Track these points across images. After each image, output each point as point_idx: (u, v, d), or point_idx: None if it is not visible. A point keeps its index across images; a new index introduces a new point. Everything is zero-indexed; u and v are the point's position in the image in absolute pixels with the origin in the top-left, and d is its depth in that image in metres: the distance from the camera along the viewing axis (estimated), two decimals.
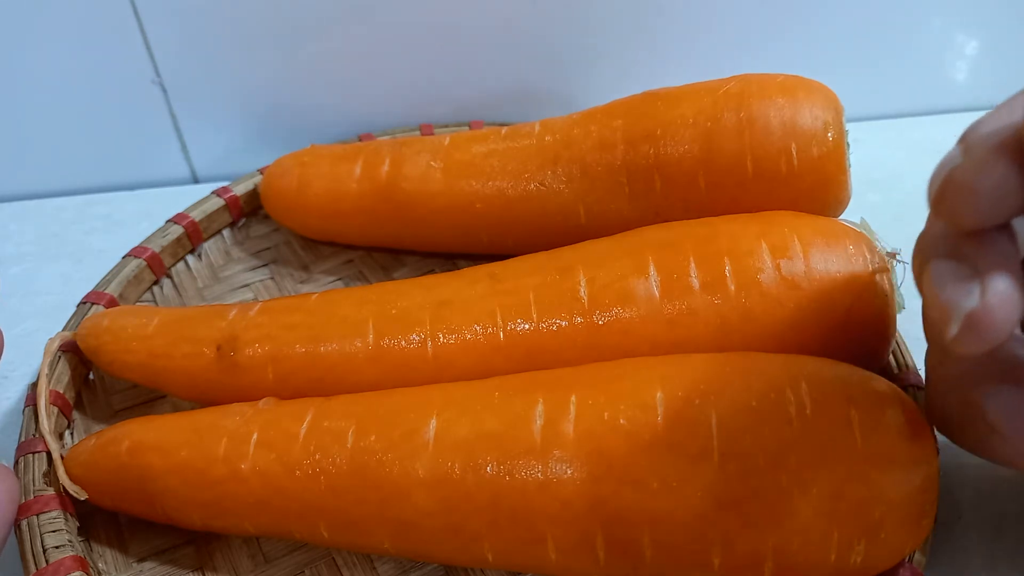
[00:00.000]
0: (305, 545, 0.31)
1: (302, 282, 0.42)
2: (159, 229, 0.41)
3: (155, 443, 0.29)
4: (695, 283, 0.30)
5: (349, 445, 0.28)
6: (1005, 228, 0.21)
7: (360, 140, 0.45)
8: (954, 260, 0.21)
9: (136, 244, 0.40)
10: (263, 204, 0.42)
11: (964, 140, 0.21)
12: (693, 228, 0.32)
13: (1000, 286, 0.19)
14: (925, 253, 0.23)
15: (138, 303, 0.39)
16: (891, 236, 0.31)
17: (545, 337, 0.31)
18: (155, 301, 0.40)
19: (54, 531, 0.29)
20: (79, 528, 0.31)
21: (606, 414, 0.26)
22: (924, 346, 0.27)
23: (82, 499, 0.30)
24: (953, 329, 0.20)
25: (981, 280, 0.20)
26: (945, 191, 0.21)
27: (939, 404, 0.26)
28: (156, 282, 0.40)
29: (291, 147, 0.43)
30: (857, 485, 0.24)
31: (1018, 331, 0.25)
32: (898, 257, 0.31)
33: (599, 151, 0.36)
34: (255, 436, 0.29)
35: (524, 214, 0.37)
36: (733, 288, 0.30)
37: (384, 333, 0.32)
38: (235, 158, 0.49)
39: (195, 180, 0.50)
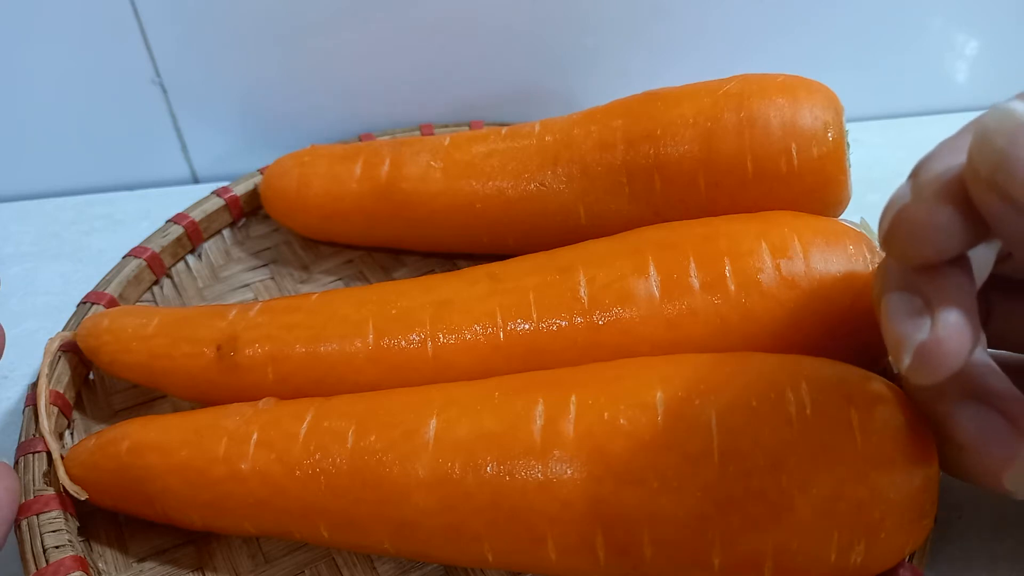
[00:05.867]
0: (305, 545, 0.31)
1: (302, 282, 0.42)
2: (159, 229, 0.41)
3: (155, 443, 0.29)
4: (695, 283, 0.30)
5: (349, 445, 0.28)
6: (959, 260, 0.21)
7: (360, 140, 0.45)
8: (908, 292, 0.22)
9: (136, 244, 0.40)
10: (263, 204, 0.42)
11: (914, 176, 0.22)
12: (693, 228, 0.32)
13: (950, 319, 0.20)
14: (881, 285, 0.23)
15: (138, 303, 0.39)
16: None
17: (545, 337, 0.31)
18: (155, 301, 0.40)
19: (54, 531, 0.29)
20: (79, 528, 0.31)
21: (606, 414, 0.26)
22: None
23: (82, 499, 0.30)
24: (906, 360, 0.20)
25: (932, 313, 0.20)
26: (895, 229, 0.21)
27: None
28: (156, 282, 0.40)
29: (291, 147, 0.43)
30: (857, 485, 0.24)
31: (982, 349, 0.26)
32: None
33: (599, 151, 0.36)
34: (255, 436, 0.29)
35: (524, 214, 0.37)
36: (733, 288, 0.30)
37: (384, 333, 0.32)
38: (235, 158, 0.49)
39: (195, 180, 0.50)
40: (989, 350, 0.27)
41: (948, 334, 0.20)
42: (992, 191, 0.19)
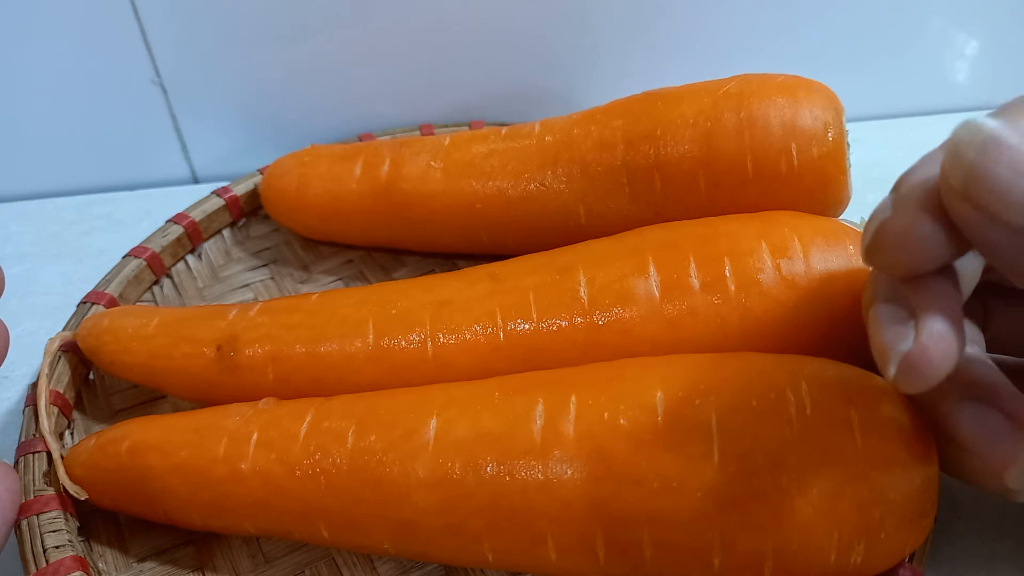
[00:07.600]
0: (305, 545, 0.31)
1: (302, 282, 0.42)
2: (159, 229, 0.41)
3: (155, 443, 0.30)
4: (695, 283, 0.30)
5: (349, 445, 0.28)
6: (944, 270, 0.22)
7: (360, 140, 0.45)
8: (894, 303, 0.22)
9: (136, 244, 0.40)
10: (263, 204, 0.42)
11: (895, 190, 0.22)
12: (693, 228, 0.32)
13: (934, 327, 0.20)
14: (870, 296, 0.23)
15: (138, 303, 0.39)
16: None
17: (545, 337, 0.31)
18: (155, 301, 0.40)
19: (54, 531, 0.29)
20: (79, 528, 0.31)
21: (606, 414, 0.26)
22: None
23: (82, 499, 0.30)
24: (891, 370, 0.21)
25: (916, 322, 0.21)
26: (877, 241, 0.22)
27: None
28: (156, 282, 0.40)
29: (291, 147, 0.43)
30: (857, 485, 0.24)
31: (981, 352, 0.26)
32: None
33: (599, 151, 0.36)
34: (255, 436, 0.29)
35: (524, 214, 0.37)
36: (733, 288, 0.30)
37: (384, 333, 0.32)
38: (235, 158, 0.49)
39: (195, 180, 0.50)
40: (989, 354, 0.27)
41: (932, 342, 0.20)
42: (965, 202, 0.19)
